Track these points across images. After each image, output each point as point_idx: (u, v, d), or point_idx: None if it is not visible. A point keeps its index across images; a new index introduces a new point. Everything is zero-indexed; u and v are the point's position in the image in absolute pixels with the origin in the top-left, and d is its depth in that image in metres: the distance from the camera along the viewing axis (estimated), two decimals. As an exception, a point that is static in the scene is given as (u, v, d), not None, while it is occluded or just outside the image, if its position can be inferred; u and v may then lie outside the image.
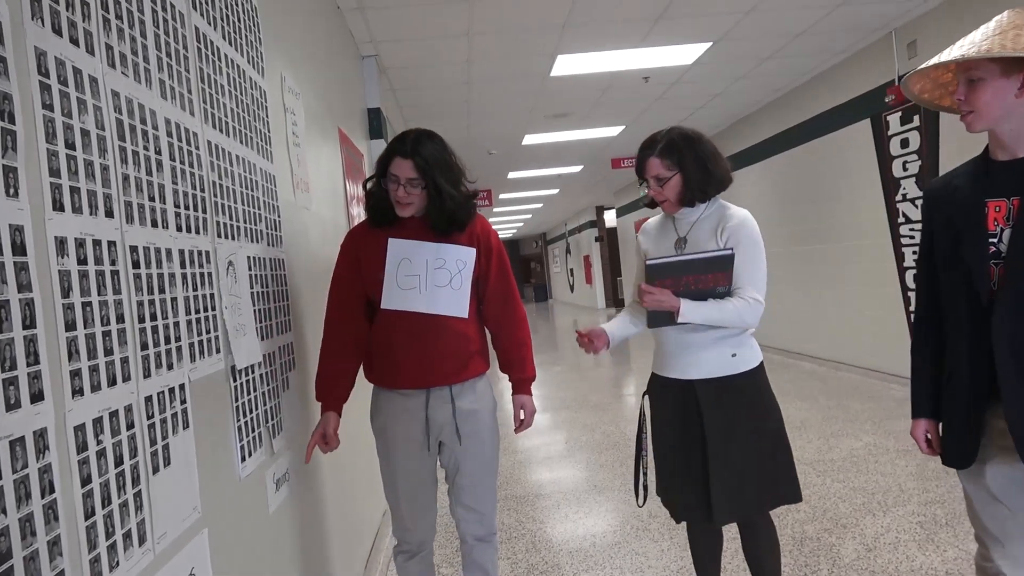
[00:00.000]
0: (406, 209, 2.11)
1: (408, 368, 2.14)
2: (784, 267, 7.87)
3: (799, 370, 7.32)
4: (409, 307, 2.13)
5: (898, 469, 3.96)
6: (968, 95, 1.58)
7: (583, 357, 10.67)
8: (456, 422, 2.18)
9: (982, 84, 1.55)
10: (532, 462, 4.90)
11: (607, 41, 5.33)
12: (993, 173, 1.62)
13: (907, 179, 5.77)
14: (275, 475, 1.88)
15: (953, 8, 5.04)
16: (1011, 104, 1.55)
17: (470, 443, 2.20)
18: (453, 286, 2.16)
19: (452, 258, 2.15)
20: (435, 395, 2.17)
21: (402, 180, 2.07)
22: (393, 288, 2.13)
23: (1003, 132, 1.59)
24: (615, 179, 13.47)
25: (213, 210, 1.62)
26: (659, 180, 2.17)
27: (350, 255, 2.21)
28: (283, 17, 2.59)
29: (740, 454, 2.10)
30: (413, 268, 2.12)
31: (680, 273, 2.06)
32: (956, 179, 1.71)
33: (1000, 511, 1.65)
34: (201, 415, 1.44)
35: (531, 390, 2.35)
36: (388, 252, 2.13)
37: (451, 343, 2.16)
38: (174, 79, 1.46)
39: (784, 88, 7.40)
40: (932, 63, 1.63)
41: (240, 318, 1.72)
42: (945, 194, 1.72)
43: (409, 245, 2.13)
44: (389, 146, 2.13)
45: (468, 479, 2.22)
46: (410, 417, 2.17)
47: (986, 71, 1.54)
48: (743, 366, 2.14)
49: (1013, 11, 1.59)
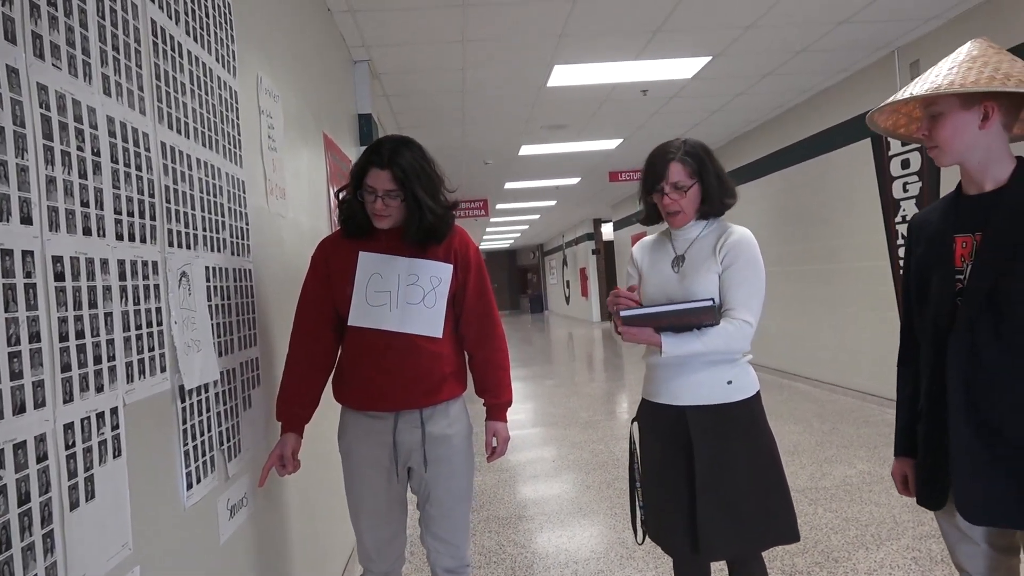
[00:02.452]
0: (384, 221, 1.99)
1: (376, 389, 2.02)
2: (781, 287, 7.77)
3: (794, 391, 7.21)
4: (378, 325, 2.00)
5: (892, 499, 3.83)
6: (931, 130, 1.55)
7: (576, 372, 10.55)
8: (424, 448, 2.06)
9: (943, 118, 1.52)
10: (517, 480, 4.77)
11: (605, 52, 5.23)
12: (962, 208, 1.59)
13: (907, 200, 5.68)
14: (229, 502, 1.75)
15: (956, 28, 4.96)
16: (975, 137, 1.51)
17: (440, 470, 2.08)
18: (426, 303, 2.04)
19: (426, 274, 2.03)
20: (404, 418, 2.05)
21: (379, 192, 1.95)
22: (362, 304, 2.00)
23: (971, 165, 1.55)
24: (613, 192, 13.39)
25: (164, 217, 1.50)
26: (678, 187, 2.03)
27: (320, 268, 2.09)
28: (263, 16, 2.48)
29: (732, 489, 1.97)
30: (384, 284, 2.00)
31: (659, 319, 1.95)
32: (932, 213, 1.68)
33: (972, 549, 1.63)
34: (138, 441, 1.32)
35: (506, 416, 2.23)
36: (358, 266, 2.01)
37: (423, 364, 2.03)
38: (121, 74, 1.35)
39: (784, 105, 7.32)
40: (890, 101, 1.61)
41: (193, 333, 1.60)
42: (921, 231, 1.69)
43: (380, 259, 2.01)
44: (364, 155, 2.00)
45: (438, 508, 2.10)
46: (376, 440, 2.04)
47: (946, 105, 1.52)
48: (739, 394, 2.02)
49: (975, 41, 1.56)
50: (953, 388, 1.53)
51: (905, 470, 1.76)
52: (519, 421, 6.85)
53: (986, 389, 1.50)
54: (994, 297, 1.47)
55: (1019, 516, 1.48)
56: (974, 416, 1.51)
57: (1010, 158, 1.54)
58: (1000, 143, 1.52)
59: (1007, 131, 1.54)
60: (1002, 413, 1.48)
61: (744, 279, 1.99)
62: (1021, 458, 1.47)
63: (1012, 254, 1.46)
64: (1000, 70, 1.46)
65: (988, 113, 1.49)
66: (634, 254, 2.22)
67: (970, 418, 1.51)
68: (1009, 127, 1.54)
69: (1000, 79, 1.44)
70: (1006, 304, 1.46)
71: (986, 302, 1.48)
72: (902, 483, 1.79)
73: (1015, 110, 1.53)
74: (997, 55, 1.50)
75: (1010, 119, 1.53)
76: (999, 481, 1.49)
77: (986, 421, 1.49)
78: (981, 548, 1.63)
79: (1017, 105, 1.53)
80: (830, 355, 7.03)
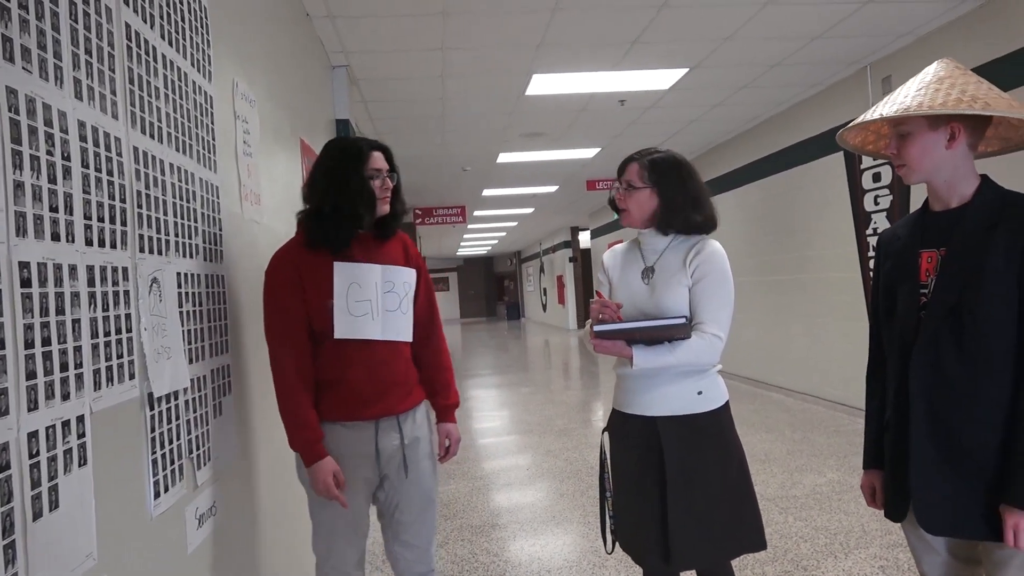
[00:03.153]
0: (387, 204, 2.05)
1: (360, 398, 2.00)
2: (754, 297, 7.85)
3: (766, 400, 7.28)
4: (363, 335, 1.99)
5: (861, 508, 3.88)
6: (899, 149, 1.59)
7: (552, 379, 10.57)
8: (404, 452, 2.06)
9: (911, 138, 1.56)
10: (491, 488, 4.76)
11: (583, 62, 5.27)
12: (928, 224, 1.63)
13: (878, 213, 5.77)
14: (198, 510, 1.73)
15: (927, 45, 5.06)
16: (942, 156, 1.55)
17: (414, 473, 2.09)
18: (402, 310, 2.06)
19: (400, 280, 2.05)
20: (383, 425, 2.05)
21: (384, 171, 2.03)
22: (345, 315, 1.98)
23: (937, 183, 1.59)
24: (590, 201, 13.45)
25: (136, 222, 1.48)
26: (631, 187, 2.08)
27: (293, 283, 1.98)
28: (239, 20, 2.47)
29: (702, 499, 1.99)
30: (364, 293, 2.00)
31: (630, 335, 1.97)
32: (900, 228, 1.72)
33: (935, 559, 1.67)
34: (105, 449, 1.30)
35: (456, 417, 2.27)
36: (336, 277, 1.98)
37: (401, 370, 2.08)
38: (93, 78, 1.33)
39: (760, 117, 7.41)
40: (860, 121, 1.64)
41: (164, 340, 1.58)
42: (889, 246, 1.73)
43: (356, 268, 2.00)
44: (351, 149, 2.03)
45: (410, 514, 2.10)
46: (358, 451, 2.02)
47: (914, 125, 1.55)
48: (708, 405, 2.04)
49: (941, 62, 1.60)
50: (915, 400, 1.56)
51: (874, 482, 1.79)
52: (494, 428, 6.84)
53: (947, 401, 1.53)
54: (956, 311, 1.51)
55: (976, 527, 1.51)
56: (935, 428, 1.54)
57: (975, 176, 1.58)
58: (965, 162, 1.56)
59: (972, 150, 1.58)
60: (961, 425, 1.51)
61: (714, 293, 2.01)
62: (979, 469, 1.50)
63: (972, 270, 1.50)
64: (967, 92, 1.50)
65: (955, 134, 1.53)
66: (604, 261, 2.24)
67: (931, 430, 1.54)
68: (974, 146, 1.58)
69: (967, 101, 1.47)
70: (967, 318, 1.49)
71: (948, 316, 1.52)
72: (870, 495, 1.81)
73: (980, 130, 1.58)
74: (963, 76, 1.54)
75: (975, 139, 1.57)
76: (957, 492, 1.52)
77: (946, 433, 1.53)
78: (943, 558, 1.66)
79: (982, 125, 1.57)
80: (802, 365, 7.12)
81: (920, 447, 1.55)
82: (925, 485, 1.55)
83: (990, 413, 1.48)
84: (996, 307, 1.47)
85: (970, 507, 1.51)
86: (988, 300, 1.47)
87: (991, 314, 1.47)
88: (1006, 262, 1.46)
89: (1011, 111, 1.47)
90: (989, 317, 1.48)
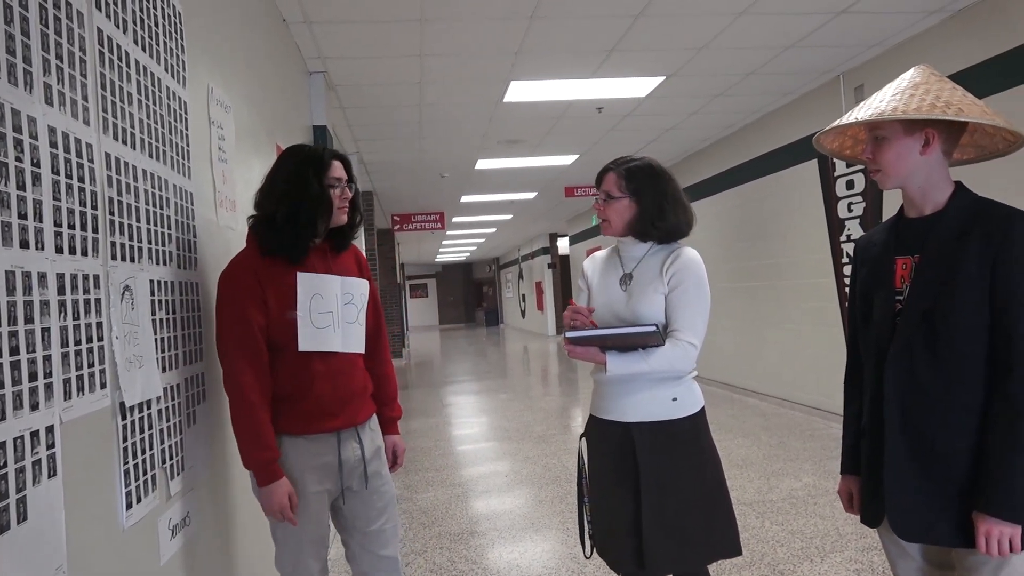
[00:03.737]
0: (344, 214, 2.04)
1: (328, 411, 1.98)
2: (732, 302, 7.92)
3: (743, 405, 7.33)
4: (326, 347, 1.97)
5: (836, 513, 3.92)
6: (875, 153, 1.60)
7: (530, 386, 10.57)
8: (365, 462, 2.06)
9: (886, 143, 1.58)
10: (470, 496, 4.75)
11: (561, 70, 5.30)
12: (902, 230, 1.65)
13: (852, 220, 5.85)
14: (171, 521, 1.71)
15: (898, 55, 5.15)
16: (916, 162, 1.56)
17: (376, 482, 2.09)
18: (359, 321, 2.08)
19: (357, 292, 2.07)
20: (344, 436, 2.04)
21: (344, 181, 2.03)
22: (309, 327, 1.94)
23: (912, 189, 1.61)
24: (569, 207, 13.50)
25: (108, 229, 1.47)
26: (610, 197, 2.10)
27: (254, 292, 1.89)
28: (215, 26, 2.45)
29: (676, 505, 2.00)
30: (325, 304, 1.98)
31: (603, 341, 1.99)
32: (876, 235, 1.74)
33: (910, 564, 1.69)
34: (75, 460, 1.28)
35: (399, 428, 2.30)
36: (299, 288, 1.93)
37: (359, 380, 2.08)
38: (64, 84, 1.32)
39: (735, 125, 7.49)
40: (836, 125, 1.66)
41: (136, 348, 1.56)
42: (866, 252, 1.74)
43: (318, 280, 1.98)
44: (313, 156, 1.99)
45: (376, 523, 2.09)
46: (321, 463, 1.99)
47: (889, 130, 1.57)
48: (684, 411, 2.05)
49: (918, 68, 1.62)
50: (890, 406, 1.57)
51: (851, 487, 1.80)
52: (472, 435, 6.83)
53: (920, 407, 1.54)
54: (929, 318, 1.52)
55: (949, 534, 1.53)
56: (909, 433, 1.55)
57: (949, 183, 1.59)
58: (940, 168, 1.58)
59: (947, 157, 1.59)
60: (935, 431, 1.53)
61: (690, 301, 2.02)
62: (952, 475, 1.51)
63: (946, 276, 1.52)
64: (941, 98, 1.52)
65: (929, 139, 1.54)
66: (585, 268, 2.26)
67: (905, 435, 1.56)
68: (949, 153, 1.60)
69: (941, 107, 1.50)
70: (941, 324, 1.51)
71: (922, 322, 1.53)
72: (848, 501, 1.82)
73: (955, 137, 1.59)
74: (939, 83, 1.56)
75: (950, 145, 1.59)
76: (931, 498, 1.53)
77: (920, 439, 1.54)
78: (918, 563, 1.68)
79: (957, 132, 1.59)
80: (777, 370, 7.19)
81: (894, 453, 1.56)
82: (899, 491, 1.56)
83: (963, 419, 1.50)
84: (968, 314, 1.49)
85: (943, 513, 1.52)
86: (961, 307, 1.49)
87: (964, 321, 1.49)
88: (978, 269, 1.48)
89: (984, 118, 1.49)
90: (962, 324, 1.49)
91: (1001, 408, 1.46)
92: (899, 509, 1.57)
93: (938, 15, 4.62)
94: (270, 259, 1.93)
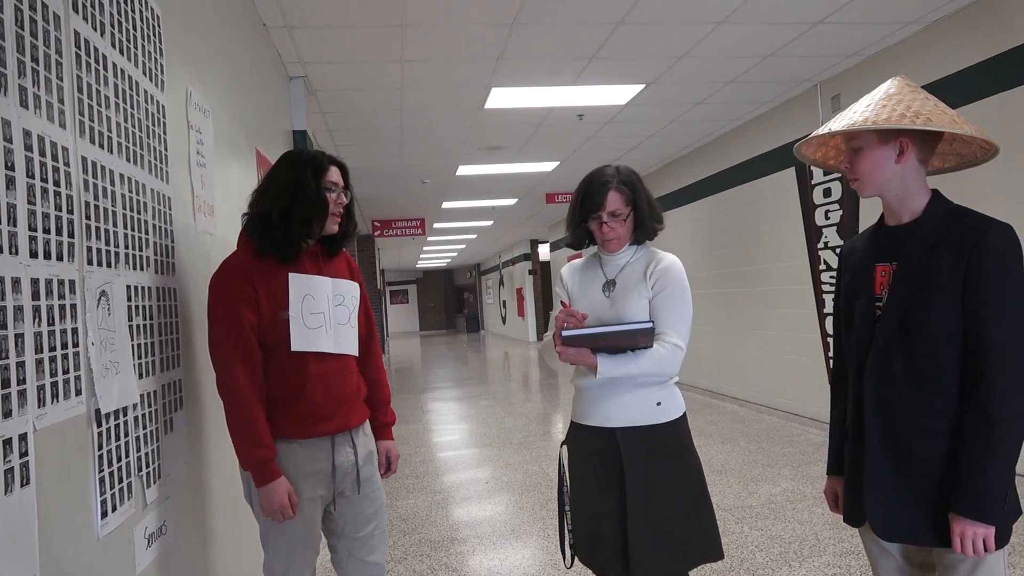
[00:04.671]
0: (337, 221, 2.03)
1: (322, 414, 1.97)
2: (711, 309, 7.97)
3: (722, 411, 7.38)
4: (318, 348, 1.97)
5: (815, 517, 3.96)
6: (852, 163, 1.63)
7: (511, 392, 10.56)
8: (358, 467, 2.05)
9: (862, 152, 1.61)
10: (450, 502, 4.73)
11: (542, 77, 5.31)
12: (882, 238, 1.68)
13: (829, 228, 5.92)
14: (147, 530, 1.69)
15: (874, 65, 5.23)
16: (893, 170, 1.60)
17: (369, 488, 2.08)
18: (351, 323, 2.07)
19: (348, 294, 2.06)
20: (339, 440, 2.02)
21: (341, 187, 2.03)
22: (301, 328, 1.95)
23: (889, 197, 1.64)
24: (550, 213, 13.52)
25: (84, 234, 1.45)
26: (616, 216, 2.09)
27: (247, 291, 1.90)
28: (194, 29, 2.43)
29: (661, 511, 2.01)
30: (317, 305, 1.98)
31: (597, 341, 1.98)
32: (859, 241, 1.77)
33: (891, 563, 1.72)
34: (49, 468, 1.26)
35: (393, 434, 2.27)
36: (291, 288, 1.94)
37: (353, 384, 2.07)
38: (40, 87, 1.30)
39: (715, 133, 7.55)
40: (813, 135, 1.70)
41: (112, 355, 1.54)
42: (848, 259, 1.78)
43: (310, 281, 1.98)
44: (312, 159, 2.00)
45: (365, 528, 2.08)
46: (315, 468, 1.98)
47: (865, 140, 1.60)
48: (667, 416, 2.06)
49: (894, 80, 1.65)
50: (869, 410, 1.60)
51: (836, 488, 1.83)
52: (453, 442, 6.81)
53: (898, 412, 1.57)
54: (905, 325, 1.55)
55: (927, 534, 1.56)
56: (887, 437, 1.58)
57: (926, 191, 1.62)
58: (916, 177, 1.61)
59: (923, 166, 1.62)
60: (911, 434, 1.56)
61: (674, 304, 2.04)
62: (929, 479, 1.55)
63: (922, 283, 1.54)
64: (911, 108, 1.55)
65: (903, 148, 1.58)
66: (563, 276, 2.26)
67: (884, 439, 1.58)
68: (925, 162, 1.62)
69: (910, 117, 1.53)
70: (916, 332, 1.54)
71: (899, 329, 1.56)
72: (833, 501, 1.86)
73: (930, 146, 1.62)
74: (912, 93, 1.59)
75: (925, 154, 1.62)
76: (909, 500, 1.56)
77: (897, 443, 1.57)
78: (898, 563, 1.71)
79: (932, 141, 1.62)
80: (756, 375, 7.24)
81: (874, 457, 1.59)
82: (879, 493, 1.59)
83: (938, 424, 1.53)
84: (943, 323, 1.52)
85: (921, 515, 1.55)
86: (936, 316, 1.52)
87: (938, 329, 1.52)
88: (952, 278, 1.51)
89: (953, 127, 1.52)
90: (936, 332, 1.52)
91: (973, 416, 1.49)
92: (879, 511, 1.60)
93: (912, 26, 4.70)
94: (262, 259, 1.93)
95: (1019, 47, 4.04)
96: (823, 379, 5.95)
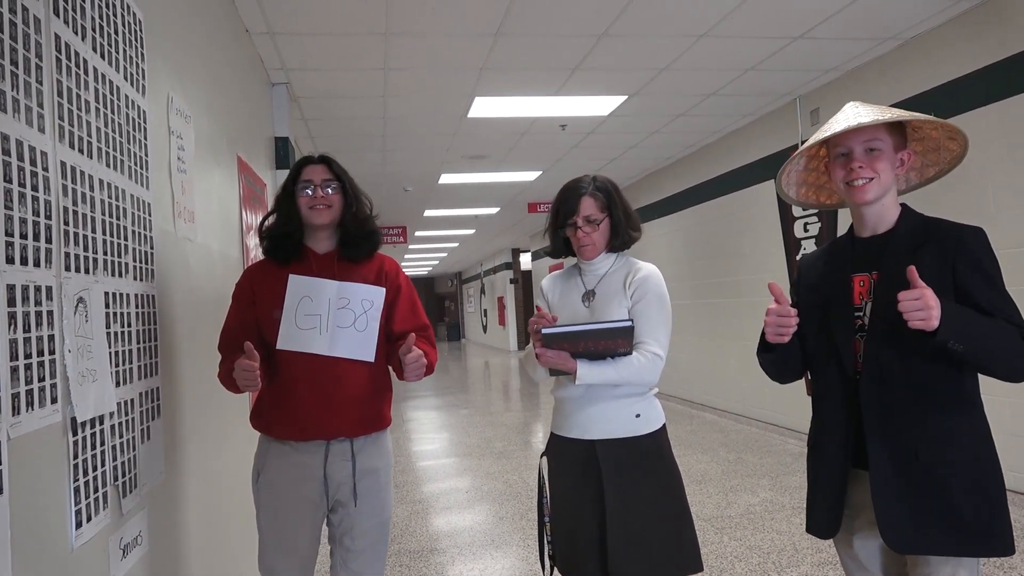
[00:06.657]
0: (323, 214, 2.02)
1: (307, 417, 1.96)
2: (691, 319, 8.02)
3: (702, 421, 7.41)
4: (307, 348, 1.96)
5: (793, 527, 3.98)
6: (869, 162, 1.64)
7: (492, 401, 10.53)
8: (355, 481, 2.02)
9: (881, 154, 1.64)
10: (430, 512, 4.70)
11: (525, 87, 5.33)
12: (857, 249, 1.72)
13: (807, 240, 5.98)
14: (122, 540, 1.66)
15: (853, 80, 5.31)
16: (892, 178, 1.66)
17: (367, 503, 2.04)
18: (357, 327, 2.01)
19: (357, 298, 2.01)
20: (335, 449, 2.00)
21: (317, 181, 2.03)
22: (291, 327, 1.96)
23: (877, 205, 1.67)
24: (532, 223, 13.55)
25: (62, 240, 1.43)
26: (591, 221, 2.10)
27: (245, 294, 2.04)
28: (176, 35, 2.42)
29: (642, 521, 2.01)
30: (314, 307, 1.97)
31: (577, 340, 1.98)
32: (822, 256, 1.81)
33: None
34: (23, 478, 1.23)
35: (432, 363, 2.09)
36: (288, 289, 1.97)
37: (355, 390, 2.00)
38: (19, 90, 1.28)
39: (696, 145, 7.62)
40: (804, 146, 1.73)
41: (89, 362, 1.52)
42: (813, 271, 1.81)
43: (310, 282, 1.98)
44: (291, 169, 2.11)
45: (360, 542, 2.05)
46: (304, 474, 1.96)
47: (885, 143, 1.64)
48: (647, 427, 2.06)
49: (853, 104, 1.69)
50: (868, 422, 1.59)
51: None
52: (433, 451, 6.78)
53: (901, 416, 1.57)
54: (895, 332, 1.55)
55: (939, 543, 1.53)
56: (890, 446, 1.57)
57: (897, 204, 1.69)
58: (895, 191, 1.68)
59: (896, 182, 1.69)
60: (916, 441, 1.55)
61: (653, 313, 2.05)
62: (939, 484, 1.53)
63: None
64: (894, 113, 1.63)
65: (904, 160, 1.66)
66: (543, 287, 2.27)
67: (886, 449, 1.57)
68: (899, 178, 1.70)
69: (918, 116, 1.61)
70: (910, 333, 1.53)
71: (889, 336, 1.57)
72: None
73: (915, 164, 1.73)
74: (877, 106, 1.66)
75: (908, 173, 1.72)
76: (919, 508, 1.54)
77: (902, 450, 1.56)
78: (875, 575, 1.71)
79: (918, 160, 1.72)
80: (735, 386, 7.28)
81: (879, 467, 1.57)
82: (887, 505, 1.56)
83: (943, 423, 1.54)
84: None
85: (931, 523, 1.53)
86: None
87: None
88: (938, 276, 1.53)
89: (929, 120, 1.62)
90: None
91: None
92: (889, 523, 1.56)
93: (890, 42, 4.78)
94: (273, 264, 2.06)
95: (993, 64, 4.12)
96: (801, 390, 5.99)
